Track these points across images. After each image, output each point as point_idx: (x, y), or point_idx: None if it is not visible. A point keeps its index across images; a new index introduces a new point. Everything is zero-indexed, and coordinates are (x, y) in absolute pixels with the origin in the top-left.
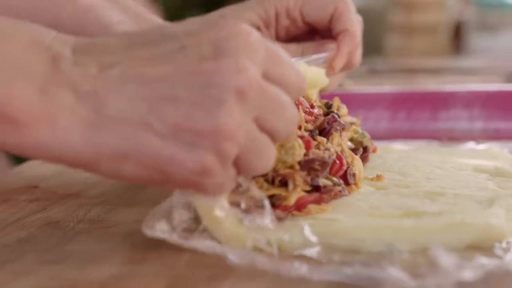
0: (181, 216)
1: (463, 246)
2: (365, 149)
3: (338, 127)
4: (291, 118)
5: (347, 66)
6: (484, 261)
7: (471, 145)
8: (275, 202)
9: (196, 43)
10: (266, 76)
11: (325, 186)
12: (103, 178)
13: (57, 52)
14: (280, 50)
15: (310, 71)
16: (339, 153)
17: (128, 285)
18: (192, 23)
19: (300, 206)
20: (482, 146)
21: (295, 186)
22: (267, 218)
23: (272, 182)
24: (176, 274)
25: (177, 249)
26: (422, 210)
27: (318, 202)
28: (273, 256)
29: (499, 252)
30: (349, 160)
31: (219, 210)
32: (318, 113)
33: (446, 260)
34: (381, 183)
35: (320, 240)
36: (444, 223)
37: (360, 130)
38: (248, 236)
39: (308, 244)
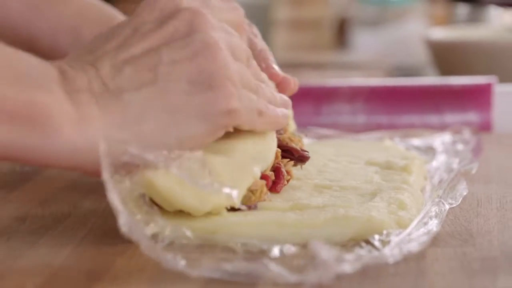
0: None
1: (346, 239)
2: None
3: None
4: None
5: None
6: (362, 253)
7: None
8: None
9: (144, 20)
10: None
11: None
12: None
13: (59, 65)
14: None
15: None
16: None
17: (3, 283)
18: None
19: None
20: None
21: None
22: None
23: None
24: (53, 271)
25: (55, 246)
26: (307, 203)
27: None
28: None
29: (378, 244)
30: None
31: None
32: None
33: (325, 253)
34: None
35: (200, 235)
36: (327, 217)
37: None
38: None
39: (188, 240)
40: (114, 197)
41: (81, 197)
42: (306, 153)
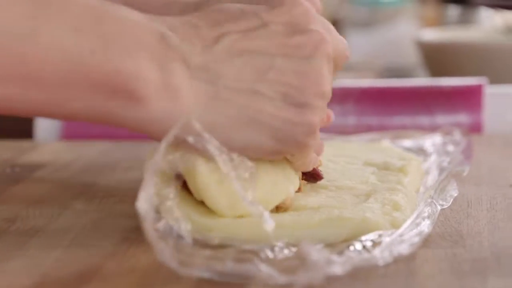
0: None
1: (340, 240)
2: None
3: None
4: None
5: None
6: (352, 255)
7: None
8: None
9: (275, 20)
10: None
11: None
12: None
13: (161, 30)
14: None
15: None
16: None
17: None
18: None
19: None
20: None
21: None
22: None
23: None
24: (43, 273)
25: (45, 247)
26: (302, 204)
27: None
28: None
29: (369, 246)
30: None
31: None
32: None
33: (316, 255)
34: None
35: (197, 230)
36: (322, 218)
37: None
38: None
39: (185, 232)
40: (152, 170)
41: (71, 199)
42: (321, 172)
